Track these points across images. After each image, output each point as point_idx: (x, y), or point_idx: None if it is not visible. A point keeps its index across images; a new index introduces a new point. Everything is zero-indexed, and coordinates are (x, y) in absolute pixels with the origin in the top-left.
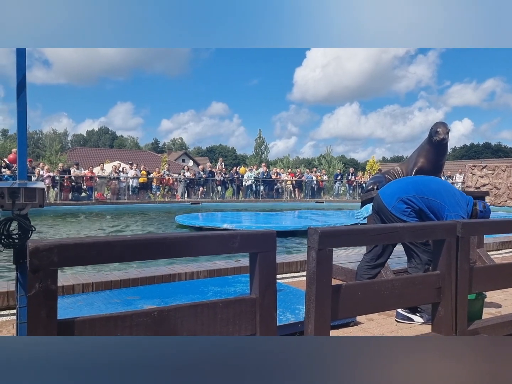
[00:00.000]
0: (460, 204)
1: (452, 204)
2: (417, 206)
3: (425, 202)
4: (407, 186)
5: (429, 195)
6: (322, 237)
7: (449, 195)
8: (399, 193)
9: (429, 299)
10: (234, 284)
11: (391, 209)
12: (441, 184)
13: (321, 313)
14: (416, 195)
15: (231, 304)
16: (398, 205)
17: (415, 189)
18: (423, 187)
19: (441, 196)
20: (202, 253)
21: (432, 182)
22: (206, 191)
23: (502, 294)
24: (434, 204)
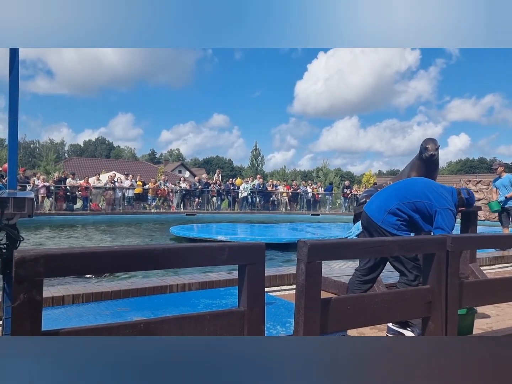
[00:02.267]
0: (445, 197)
1: (438, 199)
2: (406, 214)
3: (411, 207)
4: (390, 196)
5: (413, 198)
6: (311, 250)
7: (432, 191)
8: (385, 205)
9: (419, 313)
10: (226, 296)
11: (380, 224)
12: (422, 183)
13: (310, 326)
14: (400, 203)
15: (219, 317)
16: (388, 219)
17: (398, 197)
18: (405, 192)
19: (425, 195)
20: (191, 264)
21: (413, 184)
22: (201, 202)
23: (494, 309)
24: (420, 205)
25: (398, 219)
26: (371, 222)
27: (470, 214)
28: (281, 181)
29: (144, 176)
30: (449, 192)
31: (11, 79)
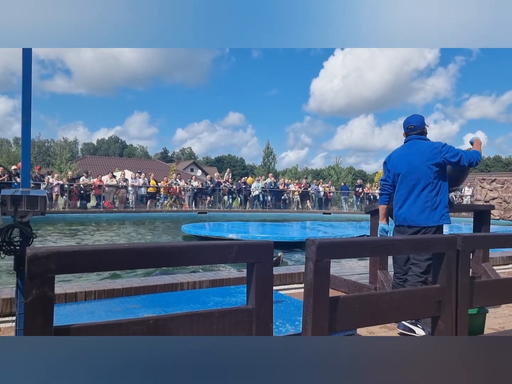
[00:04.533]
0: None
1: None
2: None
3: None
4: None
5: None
6: (319, 249)
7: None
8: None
9: (429, 312)
10: (236, 294)
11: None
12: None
13: (318, 325)
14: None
15: (227, 314)
16: (438, 213)
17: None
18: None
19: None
20: (199, 262)
21: (402, 158)
22: (213, 201)
23: (507, 309)
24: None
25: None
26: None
27: (483, 214)
28: (292, 180)
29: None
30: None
31: (24, 79)
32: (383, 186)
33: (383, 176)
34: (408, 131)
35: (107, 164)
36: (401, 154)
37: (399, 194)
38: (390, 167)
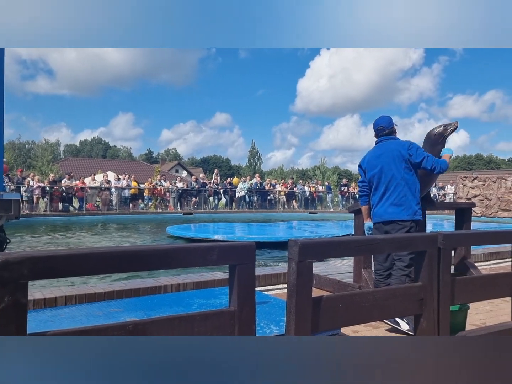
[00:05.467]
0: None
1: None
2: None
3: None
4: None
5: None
6: (302, 249)
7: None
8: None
9: (411, 310)
10: (220, 296)
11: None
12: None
13: (301, 325)
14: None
15: (209, 317)
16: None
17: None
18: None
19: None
20: (179, 265)
21: (376, 157)
22: (198, 202)
23: (488, 305)
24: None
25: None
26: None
27: (464, 211)
28: (278, 180)
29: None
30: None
31: None
32: (361, 188)
33: (360, 178)
34: (378, 132)
35: (90, 165)
36: (373, 156)
37: (375, 194)
38: (365, 168)
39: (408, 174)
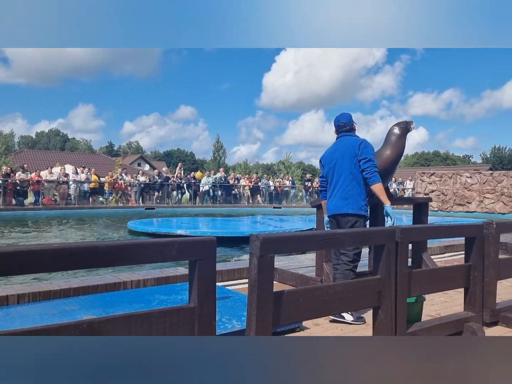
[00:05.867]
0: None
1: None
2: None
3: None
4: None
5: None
6: (263, 244)
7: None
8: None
9: (370, 303)
10: (182, 292)
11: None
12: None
13: (262, 320)
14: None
15: (168, 314)
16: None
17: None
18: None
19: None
20: (137, 262)
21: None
22: (161, 196)
23: (443, 296)
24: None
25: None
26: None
27: (421, 206)
28: (243, 174)
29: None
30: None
31: None
32: (321, 183)
33: (321, 173)
34: (339, 128)
35: (47, 158)
36: (331, 151)
37: (329, 188)
38: (324, 163)
39: (358, 170)
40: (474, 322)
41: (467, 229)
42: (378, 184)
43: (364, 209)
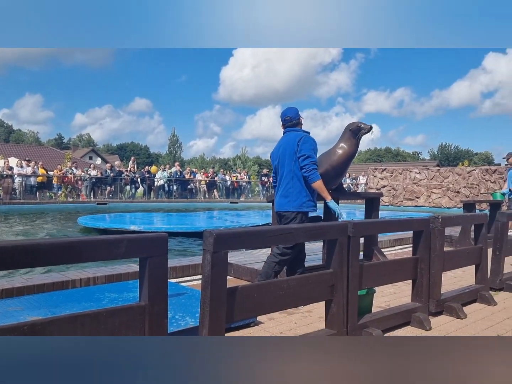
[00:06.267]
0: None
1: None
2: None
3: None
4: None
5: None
6: (217, 240)
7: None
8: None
9: (323, 296)
10: (135, 289)
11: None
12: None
13: (215, 316)
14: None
15: (117, 313)
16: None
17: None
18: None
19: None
20: (83, 260)
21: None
22: (114, 191)
23: (392, 288)
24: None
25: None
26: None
27: (373, 201)
28: (199, 169)
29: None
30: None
31: None
32: (274, 178)
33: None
34: (285, 122)
35: None
36: (277, 147)
37: (277, 184)
38: (272, 160)
39: (298, 167)
40: (421, 312)
41: (414, 223)
42: (317, 182)
43: (306, 205)
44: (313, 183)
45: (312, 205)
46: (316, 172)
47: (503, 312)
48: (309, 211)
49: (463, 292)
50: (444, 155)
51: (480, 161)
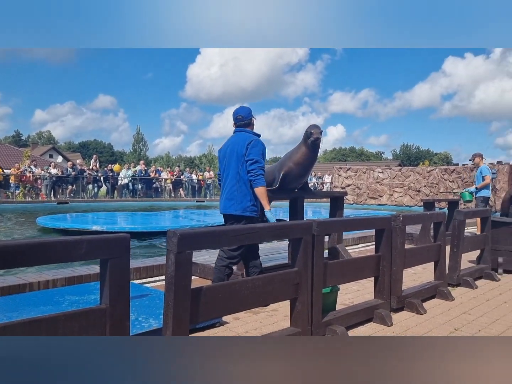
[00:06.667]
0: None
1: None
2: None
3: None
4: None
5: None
6: (181, 240)
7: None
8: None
9: (288, 295)
10: (96, 291)
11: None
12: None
13: (179, 318)
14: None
15: (76, 317)
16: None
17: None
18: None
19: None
20: (41, 262)
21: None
22: (75, 190)
23: (356, 285)
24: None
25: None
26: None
27: (337, 199)
28: (164, 167)
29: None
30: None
31: None
32: (219, 177)
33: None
34: (237, 121)
35: None
36: (224, 146)
37: (222, 185)
38: (219, 157)
39: (245, 170)
40: (383, 308)
41: (377, 221)
42: (261, 188)
43: (249, 209)
44: (256, 188)
45: (256, 210)
46: (262, 178)
47: (460, 307)
48: (252, 216)
49: (423, 288)
50: (405, 155)
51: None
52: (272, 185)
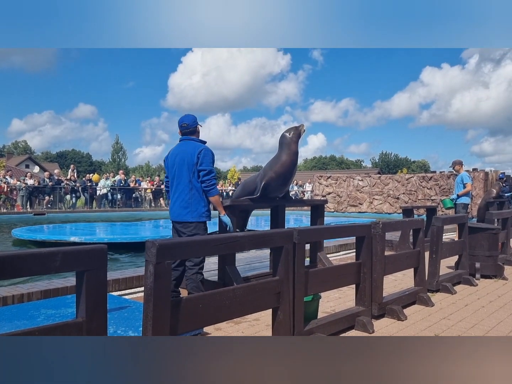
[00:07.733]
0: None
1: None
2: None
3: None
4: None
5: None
6: (160, 250)
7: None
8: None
9: (270, 304)
10: (73, 304)
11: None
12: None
13: (158, 330)
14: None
15: (51, 331)
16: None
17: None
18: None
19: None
20: (14, 275)
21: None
22: (53, 201)
23: (337, 293)
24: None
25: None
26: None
27: (318, 207)
28: (144, 177)
29: None
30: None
31: None
32: (166, 183)
33: (166, 174)
34: (182, 129)
35: None
36: (173, 154)
37: (171, 192)
38: (166, 165)
39: (196, 179)
40: (364, 316)
41: (357, 229)
42: (215, 196)
43: (204, 215)
44: (211, 197)
45: (209, 215)
46: (216, 187)
47: (439, 312)
48: (207, 220)
49: (403, 294)
50: (384, 163)
51: (417, 169)
52: (253, 193)
